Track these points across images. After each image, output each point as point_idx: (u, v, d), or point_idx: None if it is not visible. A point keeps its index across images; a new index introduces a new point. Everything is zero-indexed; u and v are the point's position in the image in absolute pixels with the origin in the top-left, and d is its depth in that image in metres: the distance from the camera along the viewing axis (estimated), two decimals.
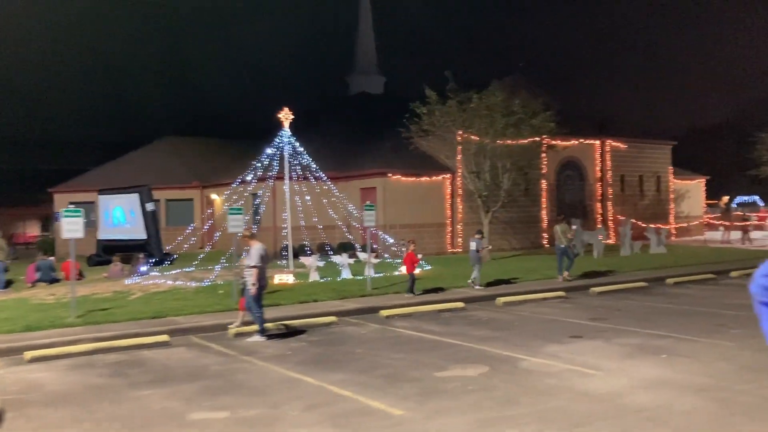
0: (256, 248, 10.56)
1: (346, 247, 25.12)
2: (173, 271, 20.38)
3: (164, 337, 10.48)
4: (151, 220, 22.92)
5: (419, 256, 14.68)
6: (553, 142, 25.38)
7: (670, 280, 17.09)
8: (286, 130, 19.31)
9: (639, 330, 10.70)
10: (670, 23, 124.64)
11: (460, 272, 18.44)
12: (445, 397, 7.10)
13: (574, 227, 24.53)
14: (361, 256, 17.74)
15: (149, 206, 22.90)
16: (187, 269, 20.79)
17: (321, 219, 26.30)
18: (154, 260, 22.24)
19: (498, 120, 20.27)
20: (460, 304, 13.37)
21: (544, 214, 28.90)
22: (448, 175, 25.90)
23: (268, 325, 10.98)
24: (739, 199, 60.01)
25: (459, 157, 25.34)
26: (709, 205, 64.12)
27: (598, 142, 31.20)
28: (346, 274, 16.98)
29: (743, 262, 21.03)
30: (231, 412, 6.79)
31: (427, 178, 25.68)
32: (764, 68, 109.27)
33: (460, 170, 25.83)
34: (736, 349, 9.17)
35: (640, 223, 30.62)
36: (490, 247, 20.12)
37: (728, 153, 51.49)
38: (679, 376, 7.77)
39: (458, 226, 26.50)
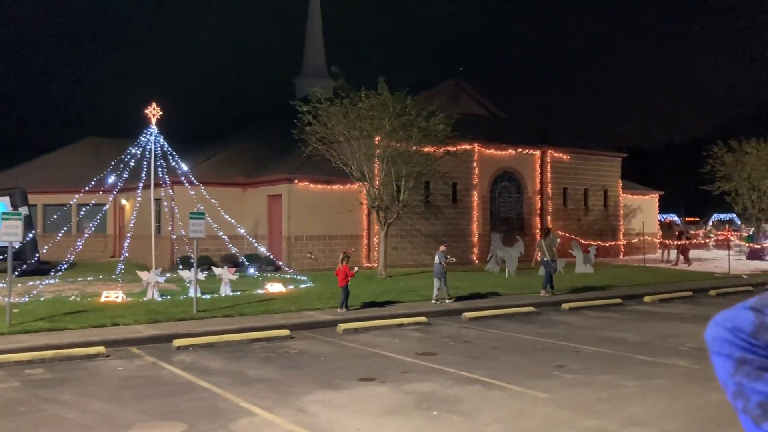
0: None
1: (230, 260, 23.01)
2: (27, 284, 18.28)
3: None
4: (24, 225, 20.80)
5: (355, 268, 13.91)
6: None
7: (566, 305, 15.13)
8: (153, 128, 17.33)
9: (455, 371, 8.70)
10: (638, 40, 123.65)
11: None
12: None
13: (517, 243, 22.65)
14: (216, 271, 15.68)
15: (22, 210, 20.82)
16: (48, 281, 18.66)
17: (227, 228, 24.31)
18: (24, 268, 20.15)
19: (385, 122, 18.23)
20: (285, 332, 11.34)
21: (475, 228, 26.93)
22: (366, 184, 23.88)
23: None
24: (716, 216, 58.34)
25: (377, 164, 23.40)
26: (690, 222, 62.33)
27: (538, 152, 29.29)
28: (192, 292, 14.85)
29: (667, 285, 19.12)
30: None
31: (341, 186, 23.67)
32: (726, 87, 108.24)
33: (378, 178, 23.87)
34: (539, 404, 7.18)
35: (580, 239, 28.70)
36: (453, 260, 18.55)
37: (685, 169, 49.64)
38: None
39: (374, 239, 24.47)
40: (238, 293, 15.37)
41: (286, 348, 10.42)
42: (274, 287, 15.79)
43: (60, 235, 21.77)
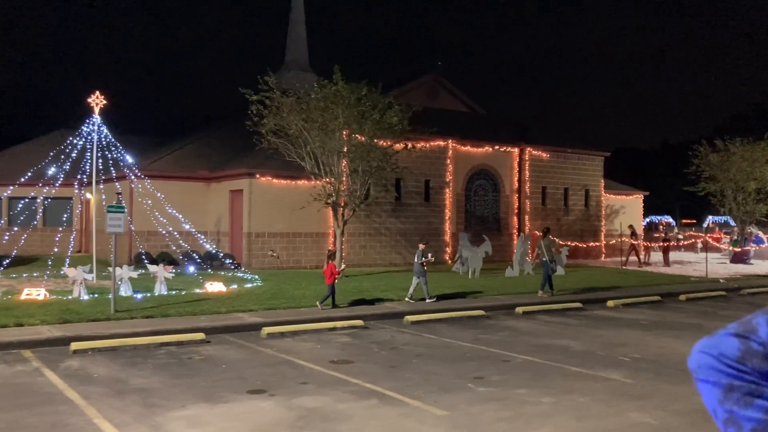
0: None
1: (189, 257, 22.19)
2: None
3: None
4: None
5: (342, 266, 13.70)
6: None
7: (520, 309, 14.31)
8: (96, 117, 16.51)
9: (359, 382, 7.89)
10: (634, 38, 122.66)
11: (290, 292, 15.63)
12: None
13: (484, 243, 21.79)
14: (151, 269, 14.83)
15: None
16: None
17: (184, 224, 23.50)
18: None
19: (339, 113, 17.29)
20: (200, 336, 10.53)
21: (448, 227, 26.10)
22: (332, 179, 23.00)
23: None
24: (710, 218, 57.33)
25: (345, 161, 22.56)
26: (688, 225, 61.25)
27: (516, 149, 28.45)
28: (126, 291, 14.04)
29: (637, 289, 18.33)
30: None
31: (306, 182, 22.81)
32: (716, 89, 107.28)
33: (345, 173, 23.05)
34: (431, 423, 6.38)
35: (558, 240, 27.84)
36: (432, 259, 18.16)
37: (680, 170, 48.53)
38: None
39: (343, 237, 23.61)
40: (174, 293, 14.54)
41: (192, 353, 9.61)
42: (214, 287, 14.98)
43: (16, 228, 20.94)
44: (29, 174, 21.12)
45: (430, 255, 15.77)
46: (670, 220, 62.21)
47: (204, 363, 9.02)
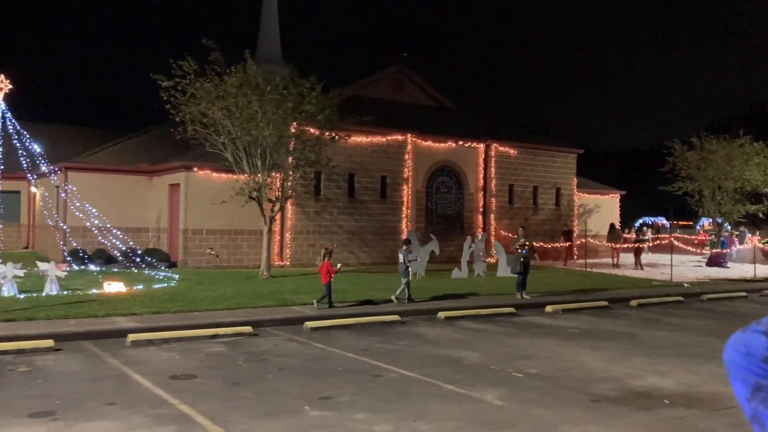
0: None
1: (101, 255, 21.01)
2: None
3: None
4: None
5: (338, 265, 13.34)
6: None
7: (443, 314, 13.09)
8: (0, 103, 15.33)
9: (176, 403, 6.71)
10: (629, 36, 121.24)
11: (195, 294, 14.42)
12: None
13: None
14: (42, 267, 13.57)
15: None
16: None
17: (125, 220, 22.41)
18: None
19: (253, 101, 16.00)
20: (48, 343, 9.33)
21: (405, 225, 24.86)
22: (277, 174, 21.75)
23: None
24: (704, 220, 55.83)
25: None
26: (682, 226, 59.73)
27: (482, 145, 27.20)
28: (8, 291, 12.83)
29: (587, 293, 17.13)
30: None
31: (248, 177, 21.61)
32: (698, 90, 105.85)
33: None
34: None
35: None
36: (417, 258, 17.64)
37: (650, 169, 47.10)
38: None
39: (287, 235, 22.45)
40: (66, 293, 13.35)
41: (22, 363, 8.42)
42: (113, 287, 13.79)
43: None
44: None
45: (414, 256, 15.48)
46: (664, 221, 60.86)
47: (23, 376, 7.83)
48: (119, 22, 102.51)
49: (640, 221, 56.83)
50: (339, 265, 13.68)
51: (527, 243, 15.64)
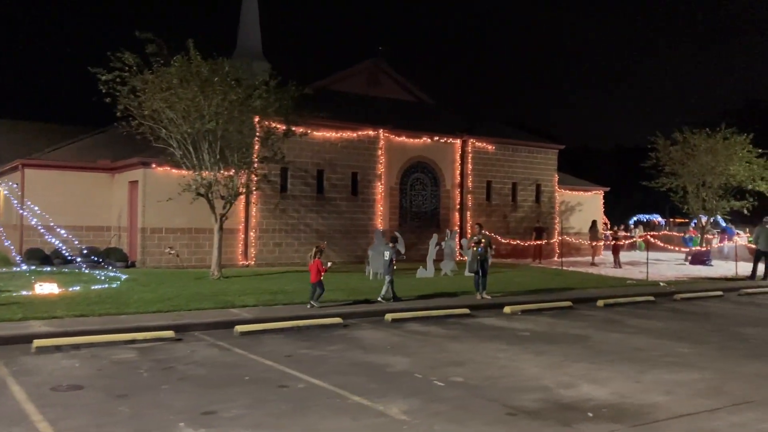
0: None
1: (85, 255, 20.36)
2: None
3: None
4: None
5: (328, 263, 13.37)
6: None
7: (390, 316, 12.40)
8: None
9: (34, 419, 6.00)
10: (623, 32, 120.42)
11: (132, 296, 13.72)
12: None
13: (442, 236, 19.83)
14: None
15: None
16: None
17: (86, 218, 21.73)
18: None
19: (195, 93, 15.22)
20: None
21: (378, 223, 24.14)
22: (241, 171, 21.02)
23: None
24: (702, 217, 55.00)
25: (257, 147, 20.64)
26: (679, 223, 58.87)
27: (458, 141, 26.48)
28: None
29: (553, 293, 16.44)
30: None
31: (208, 173, 20.88)
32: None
33: (255, 165, 21.14)
34: None
35: (498, 237, 25.94)
36: (404, 257, 17.33)
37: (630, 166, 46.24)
38: None
39: (252, 233, 21.74)
40: None
41: None
42: (44, 288, 13.09)
43: None
44: None
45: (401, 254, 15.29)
46: (659, 218, 60.15)
47: None
48: (92, 18, 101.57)
49: (635, 219, 56.13)
50: (329, 263, 13.60)
51: (482, 240, 14.93)
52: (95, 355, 8.95)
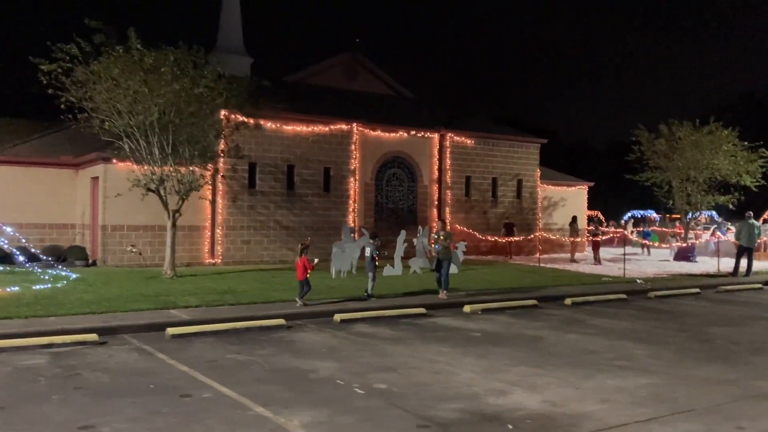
0: None
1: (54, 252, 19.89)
2: None
3: None
4: None
5: (315, 260, 13.18)
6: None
7: (339, 316, 11.80)
8: None
9: None
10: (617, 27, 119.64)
11: (67, 297, 13.12)
12: None
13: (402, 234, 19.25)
14: None
15: None
16: None
17: (50, 216, 21.14)
18: None
19: (139, 83, 14.55)
20: None
21: (352, 220, 23.53)
22: (208, 166, 20.37)
23: None
24: (699, 213, 54.35)
25: (222, 141, 20.01)
26: (674, 219, 58.14)
27: (436, 135, 25.85)
28: None
29: (521, 291, 15.86)
30: None
31: (168, 169, 20.22)
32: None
33: (223, 159, 20.52)
34: None
35: (476, 234, 25.37)
36: (386, 253, 17.32)
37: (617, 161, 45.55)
38: None
39: (218, 230, 21.13)
40: None
41: None
42: None
43: None
44: None
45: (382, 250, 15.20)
46: (654, 214, 59.56)
47: None
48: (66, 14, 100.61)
49: (629, 214, 55.50)
50: (316, 260, 13.35)
51: (441, 236, 14.34)
52: (2, 362, 8.35)
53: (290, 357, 8.80)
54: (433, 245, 14.47)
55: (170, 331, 10.12)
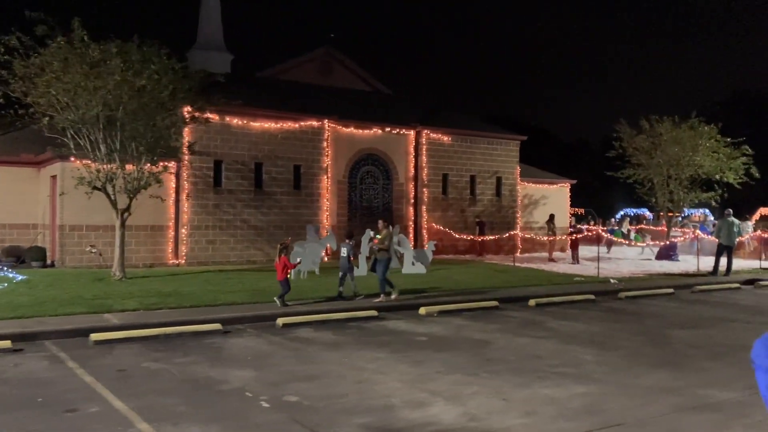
0: None
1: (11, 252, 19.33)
2: None
3: None
4: None
5: (298, 259, 13.59)
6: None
7: (282, 320, 11.20)
8: None
9: None
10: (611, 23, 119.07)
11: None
12: None
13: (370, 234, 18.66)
14: None
15: None
16: None
17: (10, 215, 20.56)
18: None
19: (80, 77, 13.93)
20: None
21: (325, 219, 22.94)
22: (172, 164, 19.79)
23: None
24: (691, 211, 53.79)
25: (186, 139, 19.42)
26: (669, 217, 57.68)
27: (412, 132, 25.26)
28: None
29: (485, 292, 15.29)
30: None
31: (131, 167, 19.64)
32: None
33: (187, 157, 19.93)
34: None
35: (453, 233, 24.81)
36: (360, 252, 17.10)
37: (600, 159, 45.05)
38: None
39: (183, 230, 20.54)
40: None
41: None
42: None
43: None
44: None
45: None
46: (647, 212, 59.00)
47: None
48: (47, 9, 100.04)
49: (622, 212, 54.92)
50: (299, 260, 13.26)
51: (379, 236, 13.80)
52: None
53: (209, 366, 8.22)
54: (373, 245, 13.93)
55: (94, 337, 9.54)
